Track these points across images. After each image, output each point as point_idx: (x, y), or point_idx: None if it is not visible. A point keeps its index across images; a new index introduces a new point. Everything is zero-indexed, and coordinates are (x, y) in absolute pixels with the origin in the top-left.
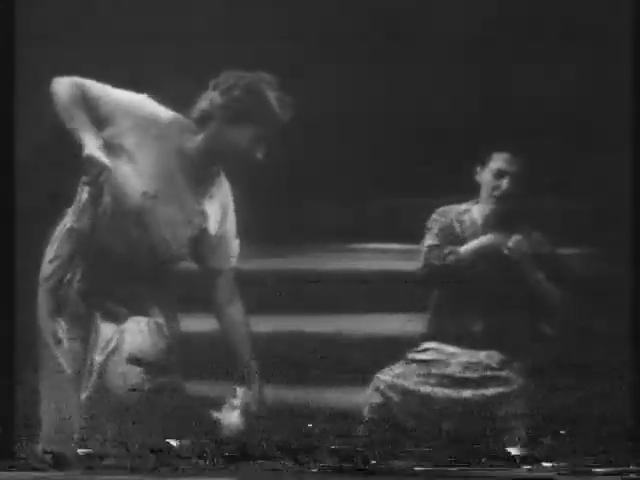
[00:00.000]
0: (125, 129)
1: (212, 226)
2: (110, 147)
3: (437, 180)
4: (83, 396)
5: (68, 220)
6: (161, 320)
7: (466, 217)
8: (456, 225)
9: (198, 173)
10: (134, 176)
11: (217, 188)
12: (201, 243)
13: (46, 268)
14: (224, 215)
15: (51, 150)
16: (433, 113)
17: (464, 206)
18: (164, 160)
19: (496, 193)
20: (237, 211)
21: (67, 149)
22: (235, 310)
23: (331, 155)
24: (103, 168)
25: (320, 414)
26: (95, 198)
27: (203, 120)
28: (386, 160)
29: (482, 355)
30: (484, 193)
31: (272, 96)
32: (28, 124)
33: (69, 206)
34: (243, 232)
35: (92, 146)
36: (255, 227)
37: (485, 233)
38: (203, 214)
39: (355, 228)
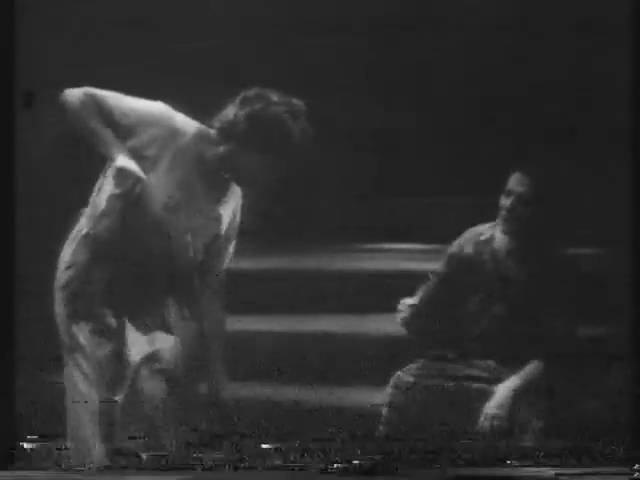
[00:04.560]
0: (146, 140)
1: (223, 229)
2: (133, 159)
3: (462, 180)
4: (117, 399)
5: (84, 225)
6: (186, 325)
7: (487, 247)
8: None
9: (215, 181)
10: (155, 187)
11: (230, 192)
12: (211, 246)
13: (62, 275)
14: (233, 218)
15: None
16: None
17: (483, 233)
18: (184, 169)
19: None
20: (250, 210)
21: (73, 153)
22: (218, 310)
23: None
24: (138, 179)
25: (339, 413)
26: (123, 208)
27: (224, 133)
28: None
29: (500, 355)
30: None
31: (297, 131)
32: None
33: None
34: (257, 231)
35: (123, 157)
36: (268, 225)
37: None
38: (218, 220)
39: (379, 228)
